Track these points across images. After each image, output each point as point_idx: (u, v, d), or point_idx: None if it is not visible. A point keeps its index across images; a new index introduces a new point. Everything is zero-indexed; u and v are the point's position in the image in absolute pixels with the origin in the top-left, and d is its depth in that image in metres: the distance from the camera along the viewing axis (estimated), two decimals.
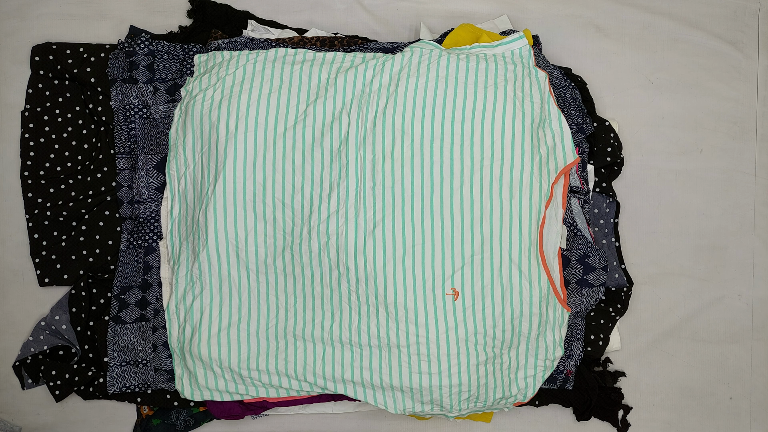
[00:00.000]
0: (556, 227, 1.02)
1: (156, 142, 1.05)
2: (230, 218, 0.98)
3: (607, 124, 1.12)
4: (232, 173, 0.98)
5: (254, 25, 1.11)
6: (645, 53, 1.18)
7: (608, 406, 1.11)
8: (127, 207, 1.05)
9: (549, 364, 1.02)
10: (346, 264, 0.98)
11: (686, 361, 1.17)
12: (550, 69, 1.08)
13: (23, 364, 1.06)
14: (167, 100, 1.05)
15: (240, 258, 0.99)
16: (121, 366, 1.03)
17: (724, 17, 1.19)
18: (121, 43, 1.08)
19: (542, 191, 0.99)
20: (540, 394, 1.09)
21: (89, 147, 1.09)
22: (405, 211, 0.99)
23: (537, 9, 1.17)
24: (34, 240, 1.07)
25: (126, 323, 1.04)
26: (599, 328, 1.11)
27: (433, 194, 0.97)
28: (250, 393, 1.02)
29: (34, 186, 1.08)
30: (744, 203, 1.18)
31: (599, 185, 1.13)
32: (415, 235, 0.98)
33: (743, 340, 1.18)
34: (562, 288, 1.02)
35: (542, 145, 1.00)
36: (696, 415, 1.17)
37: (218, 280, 1.00)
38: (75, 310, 1.05)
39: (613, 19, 1.18)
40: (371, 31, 1.15)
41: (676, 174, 1.17)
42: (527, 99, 0.99)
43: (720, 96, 1.18)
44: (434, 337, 0.97)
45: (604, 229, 1.12)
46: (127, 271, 1.05)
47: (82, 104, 1.09)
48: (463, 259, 0.98)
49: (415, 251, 0.98)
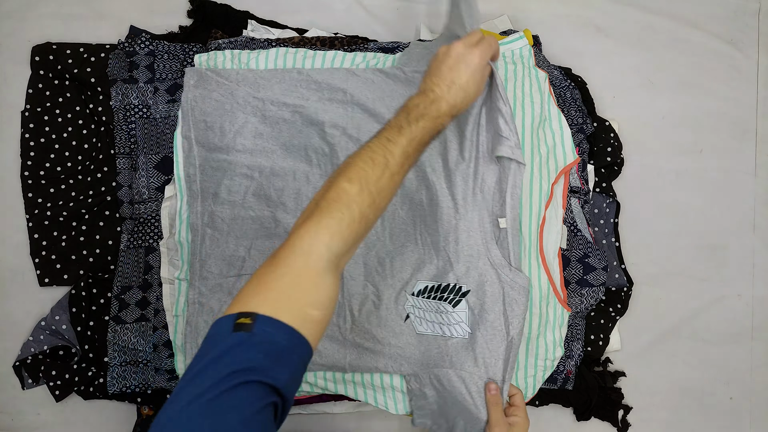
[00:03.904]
0: (556, 227, 1.02)
1: (156, 142, 1.05)
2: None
3: (607, 124, 1.12)
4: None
5: (254, 25, 1.11)
6: (645, 53, 1.18)
7: (608, 406, 1.11)
8: (127, 207, 1.05)
9: (549, 364, 1.02)
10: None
11: (686, 361, 1.17)
12: (550, 69, 1.08)
13: (23, 364, 1.06)
14: (167, 100, 1.05)
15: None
16: (121, 366, 1.03)
17: (724, 17, 1.19)
18: (121, 43, 1.08)
19: (542, 191, 0.99)
20: (540, 394, 1.09)
21: (89, 147, 1.09)
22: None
23: (537, 9, 1.17)
24: (34, 240, 1.07)
25: (126, 323, 1.04)
26: (599, 328, 1.11)
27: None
28: None
29: (34, 186, 1.08)
30: (744, 203, 1.18)
31: (599, 185, 1.13)
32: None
33: (743, 340, 1.18)
34: (562, 288, 1.02)
35: (542, 145, 1.00)
36: (696, 415, 1.17)
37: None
38: (75, 310, 1.05)
39: (613, 19, 1.18)
40: (371, 31, 1.15)
41: (676, 174, 1.17)
42: (527, 99, 0.99)
43: (720, 96, 1.18)
44: None
45: (604, 229, 1.12)
46: (127, 271, 1.05)
47: (82, 104, 1.09)
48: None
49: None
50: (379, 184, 0.66)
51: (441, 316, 0.95)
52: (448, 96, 0.73)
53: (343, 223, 0.62)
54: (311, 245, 0.61)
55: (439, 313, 0.95)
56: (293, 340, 0.58)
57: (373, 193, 0.65)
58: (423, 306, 0.96)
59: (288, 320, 0.57)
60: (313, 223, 0.62)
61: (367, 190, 0.65)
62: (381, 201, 0.67)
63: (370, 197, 0.65)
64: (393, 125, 0.71)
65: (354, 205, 0.63)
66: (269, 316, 0.57)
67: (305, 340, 0.59)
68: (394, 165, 0.68)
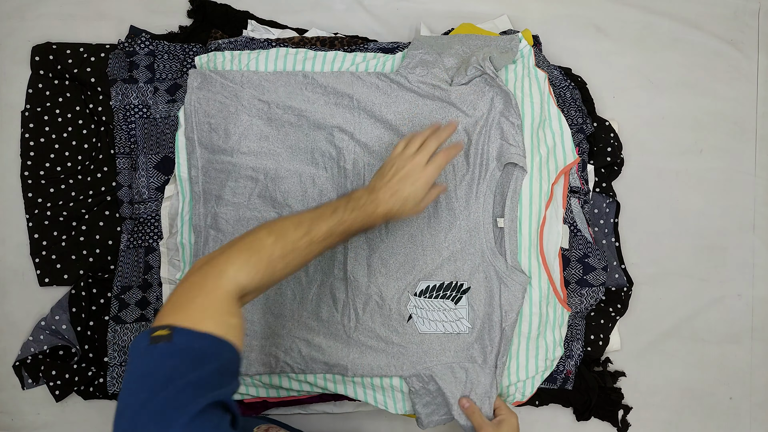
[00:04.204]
0: (557, 227, 1.02)
1: (156, 142, 1.05)
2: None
3: (607, 124, 1.12)
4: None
5: (254, 25, 1.11)
6: (645, 53, 1.18)
7: (608, 406, 1.11)
8: (127, 207, 1.05)
9: (549, 363, 1.02)
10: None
11: (686, 361, 1.17)
12: (550, 69, 1.08)
13: (23, 364, 1.06)
14: (167, 100, 1.05)
15: None
16: (121, 366, 1.03)
17: (724, 17, 1.19)
18: (121, 43, 1.08)
19: (542, 191, 0.99)
20: (540, 394, 1.09)
21: (89, 147, 1.09)
22: None
23: (537, 9, 1.17)
24: (34, 240, 1.07)
25: (126, 323, 1.04)
26: (599, 328, 1.11)
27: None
28: (250, 393, 1.02)
29: (34, 186, 1.08)
30: (744, 203, 1.18)
31: (599, 185, 1.13)
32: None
33: (743, 340, 1.18)
34: (562, 288, 1.02)
35: (542, 146, 1.00)
36: (696, 415, 1.17)
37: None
38: (75, 310, 1.05)
39: (613, 19, 1.18)
40: (371, 31, 1.15)
41: (676, 174, 1.17)
42: (527, 99, 0.99)
43: (720, 96, 1.18)
44: None
45: (604, 229, 1.12)
46: (127, 271, 1.05)
47: (82, 104, 1.09)
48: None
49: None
50: (296, 244, 0.72)
51: (443, 314, 0.97)
52: (387, 202, 0.80)
53: (250, 262, 0.68)
54: (222, 271, 0.66)
55: (441, 311, 0.97)
56: (215, 344, 0.60)
57: (287, 249, 0.71)
58: (425, 306, 0.97)
59: (209, 330, 0.60)
60: (225, 256, 0.68)
61: (281, 244, 0.71)
62: (293, 259, 0.72)
63: (283, 251, 0.71)
64: (331, 205, 0.78)
65: (264, 253, 0.69)
66: (188, 328, 0.60)
67: (228, 342, 0.61)
68: (316, 236, 0.74)
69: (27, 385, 1.06)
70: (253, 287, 0.69)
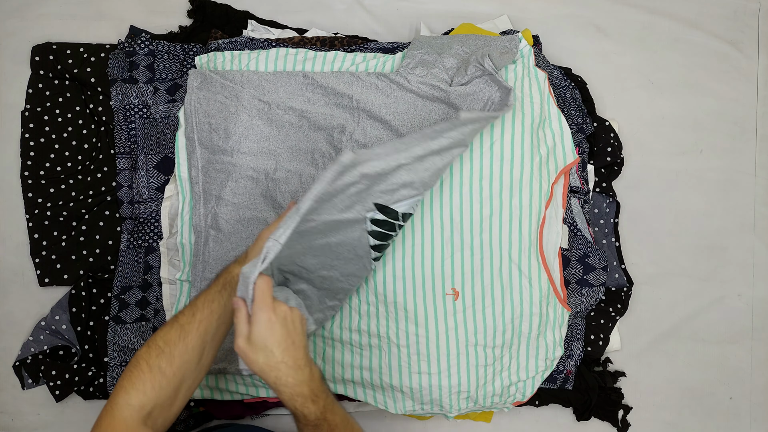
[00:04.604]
0: (557, 227, 1.02)
1: (156, 142, 1.05)
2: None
3: (607, 124, 1.12)
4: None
5: (254, 25, 1.11)
6: (645, 53, 1.18)
7: (608, 406, 1.11)
8: (127, 207, 1.05)
9: (549, 363, 1.02)
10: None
11: (686, 361, 1.17)
12: (550, 69, 1.08)
13: (23, 364, 1.06)
14: (167, 100, 1.05)
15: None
16: (121, 366, 1.03)
17: (724, 17, 1.19)
18: (121, 43, 1.08)
19: (542, 191, 0.99)
20: (540, 394, 1.09)
21: (89, 147, 1.09)
22: None
23: (537, 9, 1.17)
24: (34, 240, 1.07)
25: (126, 323, 1.04)
26: (599, 328, 1.11)
27: (432, 194, 0.97)
28: (250, 393, 1.02)
29: (34, 186, 1.08)
30: (744, 203, 1.18)
31: (599, 185, 1.13)
32: (414, 235, 0.98)
33: (743, 340, 1.18)
34: (562, 288, 1.02)
35: (542, 146, 1.00)
36: (696, 415, 1.17)
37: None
38: (75, 310, 1.05)
39: (613, 19, 1.18)
40: (371, 31, 1.15)
41: (676, 174, 1.17)
42: (527, 99, 0.99)
43: (720, 96, 1.18)
44: (434, 337, 0.97)
45: (604, 229, 1.12)
46: (127, 271, 1.05)
47: (82, 104, 1.09)
48: (463, 259, 0.98)
49: (414, 251, 0.98)
50: (166, 336, 0.73)
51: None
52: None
53: (134, 377, 0.70)
54: (112, 405, 0.69)
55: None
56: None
57: (160, 345, 0.73)
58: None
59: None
60: (114, 389, 0.71)
61: (153, 345, 0.73)
62: (171, 350, 0.73)
63: (157, 350, 0.72)
64: (209, 292, 0.78)
65: (141, 361, 0.72)
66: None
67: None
68: (183, 319, 0.75)
69: (27, 385, 1.06)
70: (157, 400, 0.70)
